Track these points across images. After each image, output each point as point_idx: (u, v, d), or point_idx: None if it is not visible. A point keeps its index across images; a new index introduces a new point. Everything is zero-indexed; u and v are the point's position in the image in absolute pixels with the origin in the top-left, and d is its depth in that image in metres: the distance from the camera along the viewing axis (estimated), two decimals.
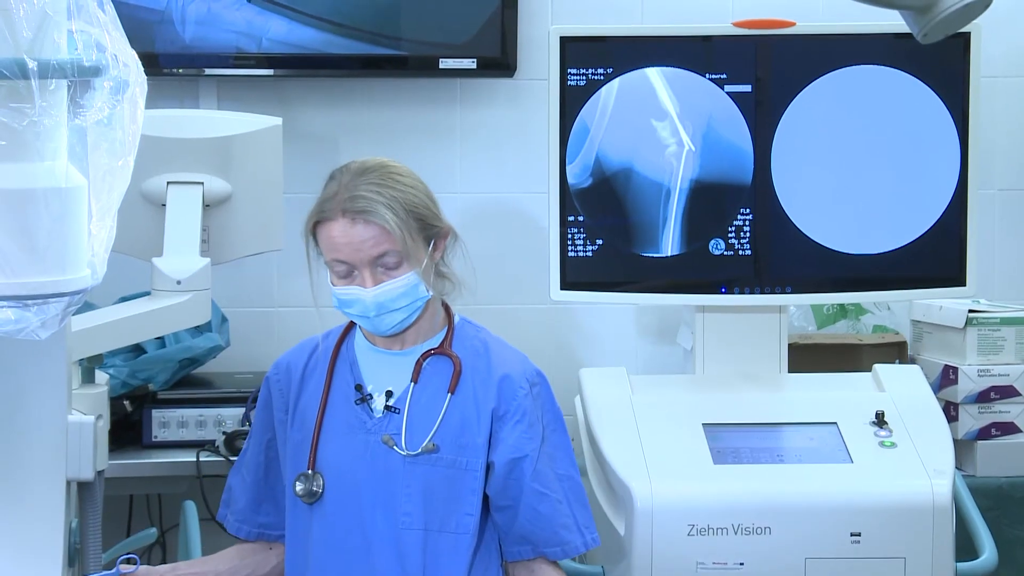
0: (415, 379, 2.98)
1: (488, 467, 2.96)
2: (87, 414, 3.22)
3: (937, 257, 3.87)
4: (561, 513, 2.97)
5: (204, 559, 3.20)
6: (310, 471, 2.98)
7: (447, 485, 2.94)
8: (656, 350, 4.80)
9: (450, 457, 2.94)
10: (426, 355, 2.99)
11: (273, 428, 3.09)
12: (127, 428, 4.23)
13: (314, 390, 3.04)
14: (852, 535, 3.45)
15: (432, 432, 2.94)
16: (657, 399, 3.78)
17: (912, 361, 4.45)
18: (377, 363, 3.03)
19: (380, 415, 2.97)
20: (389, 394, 2.98)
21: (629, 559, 3.45)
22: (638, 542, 3.44)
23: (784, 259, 3.85)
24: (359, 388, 3.00)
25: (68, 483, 3.18)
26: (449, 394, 2.96)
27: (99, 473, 3.29)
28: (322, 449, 2.99)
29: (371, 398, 2.99)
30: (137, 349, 4.26)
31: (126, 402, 4.23)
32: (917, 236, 3.86)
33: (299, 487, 2.99)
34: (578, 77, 3.82)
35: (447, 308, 3.07)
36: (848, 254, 3.85)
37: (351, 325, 3.08)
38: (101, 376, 3.51)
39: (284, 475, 3.07)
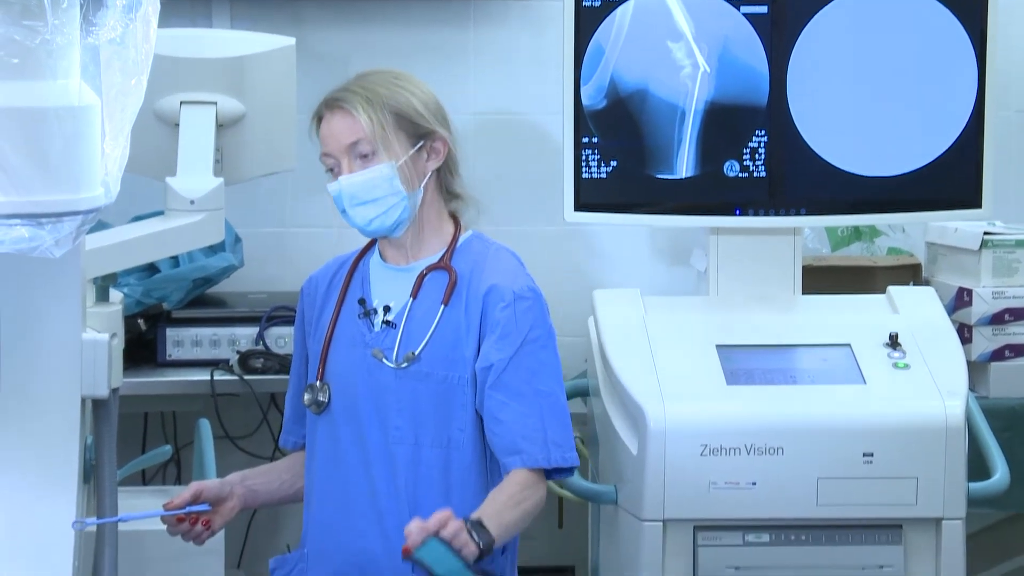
0: (414, 294, 3.00)
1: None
2: (101, 332, 3.23)
3: (953, 179, 3.85)
4: (527, 426, 2.94)
5: (268, 467, 3.25)
6: (318, 382, 3.02)
7: (437, 400, 2.96)
8: (670, 272, 4.80)
9: (441, 372, 2.95)
10: (428, 270, 3.01)
11: (306, 341, 3.14)
12: (141, 347, 4.25)
13: (332, 304, 3.07)
14: (864, 455, 3.46)
15: (422, 344, 2.96)
16: (670, 320, 3.78)
17: (926, 283, 4.45)
18: (384, 278, 3.05)
19: (379, 329, 3.00)
20: (387, 308, 3.00)
21: (642, 479, 3.46)
22: (651, 462, 3.45)
23: (799, 181, 3.84)
24: (362, 302, 3.03)
25: (83, 400, 3.19)
26: (442, 306, 2.97)
27: (114, 391, 3.30)
28: (330, 361, 3.04)
29: (375, 313, 3.02)
30: (151, 268, 4.27)
31: (140, 321, 4.25)
32: (933, 158, 3.84)
33: (306, 397, 3.05)
34: None
35: (457, 225, 3.07)
36: (863, 176, 3.84)
37: (372, 242, 3.10)
38: (115, 294, 3.52)
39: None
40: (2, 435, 3.13)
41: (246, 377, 4.18)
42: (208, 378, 4.18)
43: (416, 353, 2.95)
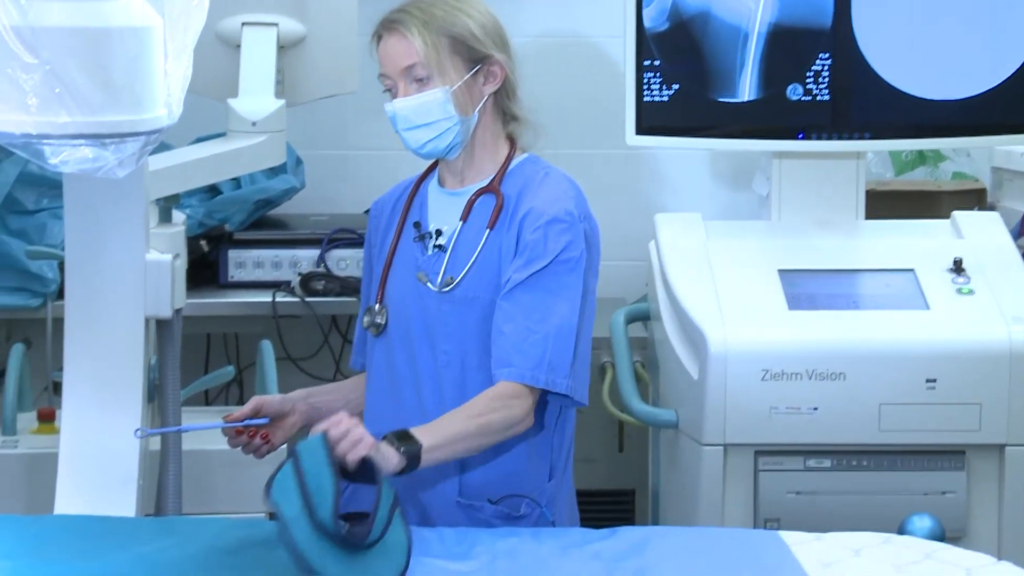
0: (464, 217, 2.99)
1: None
2: (164, 253, 3.25)
3: (1020, 103, 3.81)
4: (528, 342, 2.87)
5: (335, 385, 3.24)
6: (376, 305, 3.03)
7: (482, 323, 2.95)
8: (731, 196, 4.78)
9: (484, 296, 2.94)
10: (478, 193, 3.00)
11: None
12: (204, 268, 4.27)
13: (394, 228, 3.07)
14: (928, 381, 3.44)
15: (465, 269, 2.95)
16: (732, 245, 3.77)
17: (991, 208, 4.41)
18: (440, 202, 3.05)
19: (431, 253, 3.00)
20: (439, 233, 3.00)
21: (702, 404, 3.46)
22: (711, 387, 3.45)
23: (863, 104, 3.80)
24: (417, 226, 3.03)
25: (147, 321, 3.22)
26: (487, 230, 2.96)
27: (177, 311, 3.32)
28: (388, 285, 3.05)
29: (429, 236, 3.02)
30: (213, 190, 4.28)
31: (203, 242, 4.27)
32: (999, 81, 3.80)
33: (365, 319, 3.06)
34: None
35: (513, 148, 3.05)
36: (928, 99, 3.80)
37: (434, 164, 3.09)
38: (178, 216, 3.53)
39: None
40: (68, 355, 3.15)
41: (307, 299, 4.20)
42: (270, 300, 4.20)
43: (456, 278, 2.95)
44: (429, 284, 2.97)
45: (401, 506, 2.53)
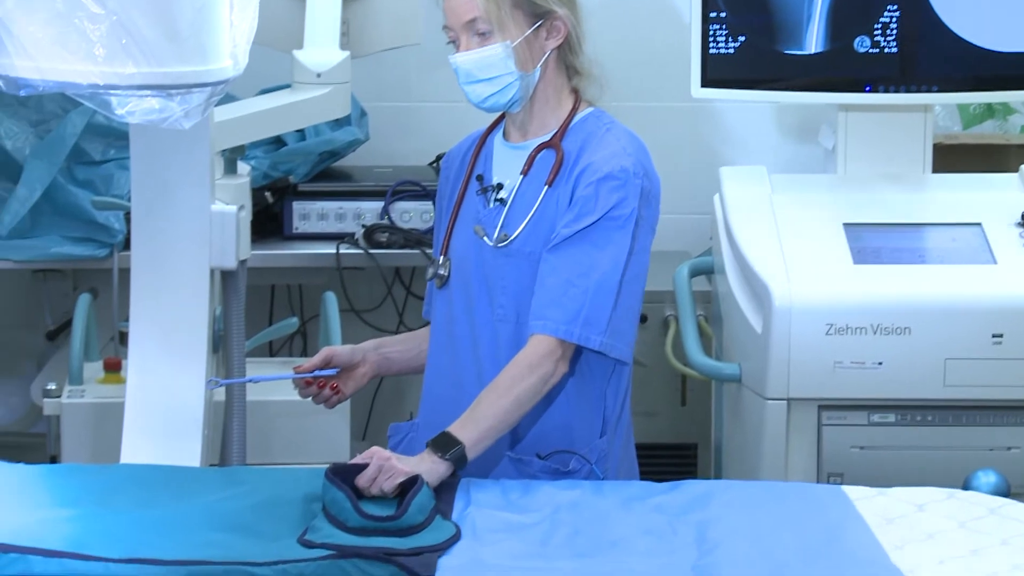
0: (525, 171, 2.98)
1: None
2: (229, 204, 3.26)
3: None
4: (568, 296, 2.87)
5: (407, 335, 3.23)
6: (440, 257, 3.03)
7: (535, 278, 2.94)
8: (797, 149, 4.75)
9: (540, 251, 2.93)
10: (539, 148, 2.99)
11: None
12: (269, 219, 4.28)
13: (461, 180, 3.07)
14: (994, 336, 3.42)
15: (522, 225, 2.95)
16: (797, 198, 3.75)
17: None
18: (503, 156, 3.04)
19: (492, 206, 3.00)
20: (500, 187, 3.00)
21: (766, 358, 3.45)
22: (775, 341, 3.44)
23: (931, 56, 3.76)
24: (480, 179, 3.02)
25: (212, 271, 3.23)
26: (546, 186, 2.95)
27: (242, 262, 3.33)
28: (452, 237, 3.05)
29: (491, 189, 3.02)
30: (278, 141, 4.29)
31: (267, 193, 4.28)
32: None
33: (429, 271, 3.06)
34: None
35: (577, 102, 3.04)
36: (997, 52, 3.76)
37: (501, 117, 3.08)
38: (243, 167, 3.54)
39: None
40: (135, 306, 3.17)
41: (371, 251, 4.20)
42: (334, 252, 4.21)
43: (511, 233, 2.94)
44: (485, 238, 2.97)
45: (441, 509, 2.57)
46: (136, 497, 2.63)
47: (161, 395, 3.10)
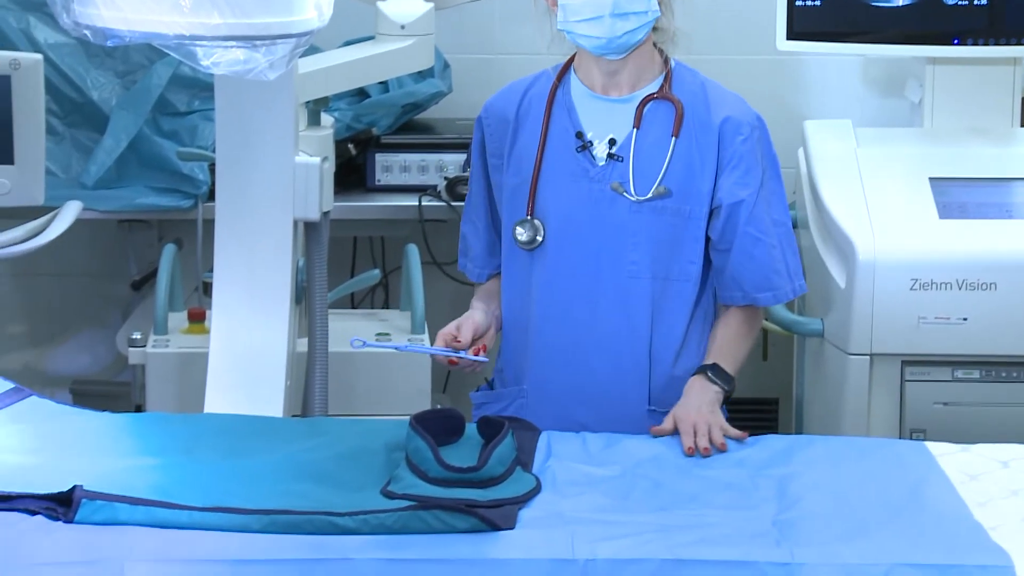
0: (637, 125, 2.96)
1: (709, 213, 2.96)
2: (313, 156, 3.27)
3: None
4: (774, 259, 2.98)
5: (494, 292, 3.15)
6: (529, 217, 3.00)
7: (672, 232, 2.94)
8: (883, 103, 4.70)
9: (675, 205, 2.93)
10: (647, 100, 2.97)
11: (488, 171, 3.10)
12: (351, 171, 4.29)
13: (530, 135, 3.03)
14: None
15: (660, 176, 2.93)
16: (882, 152, 3.72)
17: None
18: (596, 109, 3.00)
19: (603, 163, 2.97)
20: (612, 142, 2.96)
21: (849, 312, 3.43)
22: (859, 296, 3.42)
23: (1020, 9, 3.71)
24: (580, 135, 2.98)
25: (295, 223, 3.25)
26: (673, 138, 2.94)
27: (324, 214, 3.34)
28: (541, 196, 3.00)
29: (592, 145, 2.98)
30: (361, 93, 4.29)
31: (350, 145, 4.28)
32: None
33: (521, 235, 3.00)
34: None
35: (663, 55, 3.02)
36: None
37: (565, 69, 3.04)
38: (326, 119, 3.55)
39: (502, 220, 3.09)
40: (218, 256, 3.20)
41: (453, 203, 4.20)
42: (416, 204, 4.21)
43: (651, 187, 2.92)
44: (626, 194, 2.94)
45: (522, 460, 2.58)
46: (220, 446, 2.66)
47: (244, 346, 3.12)
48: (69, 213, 3.89)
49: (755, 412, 4.40)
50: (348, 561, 2.30)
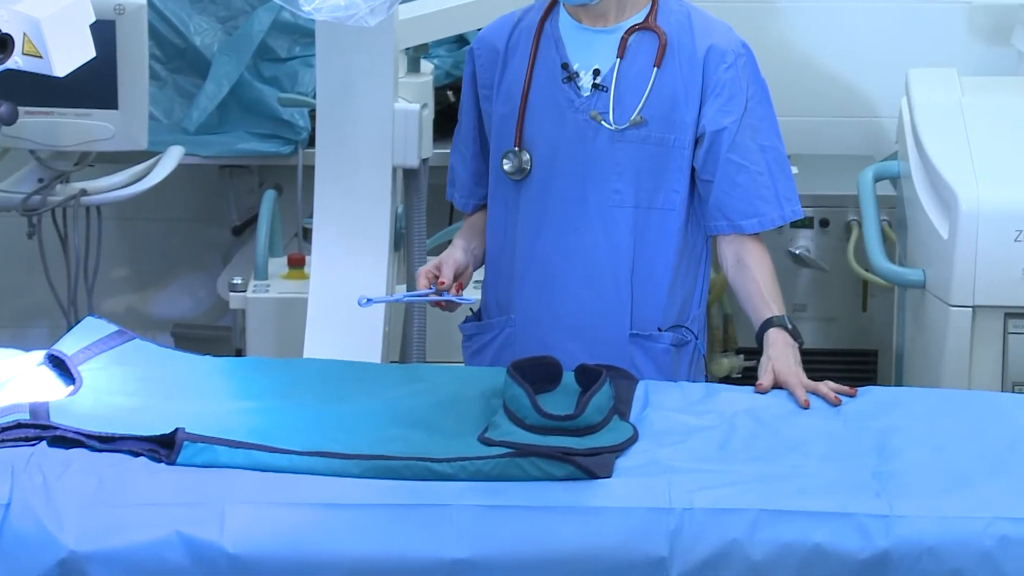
0: (621, 54, 2.96)
1: (695, 143, 2.97)
2: (412, 102, 3.27)
3: None
4: (760, 184, 2.97)
5: (476, 229, 3.14)
6: (516, 148, 3.00)
7: (655, 162, 2.95)
8: (988, 51, 4.64)
9: (658, 134, 2.94)
10: (631, 30, 2.96)
11: (479, 103, 3.09)
12: (450, 119, 4.28)
13: (518, 67, 3.03)
14: None
15: (639, 106, 2.93)
16: (988, 102, 3.67)
17: None
18: (582, 41, 3.00)
19: (588, 93, 2.97)
20: (596, 72, 2.96)
21: (951, 264, 3.39)
22: (961, 247, 3.37)
23: None
24: (565, 67, 2.99)
25: (394, 170, 3.26)
26: (655, 68, 2.93)
27: (424, 161, 3.35)
28: (528, 127, 3.00)
29: (578, 76, 2.98)
30: (461, 40, 4.29)
31: (450, 92, 4.28)
32: None
33: (507, 165, 3.02)
34: None
35: None
36: None
37: (554, 2, 3.04)
38: (426, 66, 3.55)
39: (490, 150, 3.08)
40: (318, 202, 3.21)
41: None
42: None
43: (630, 116, 2.92)
44: (604, 123, 2.94)
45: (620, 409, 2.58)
46: (318, 391, 2.67)
47: (344, 291, 3.13)
48: (171, 158, 3.92)
49: (854, 364, 4.37)
50: (445, 507, 2.31)
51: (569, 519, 2.31)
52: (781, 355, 2.80)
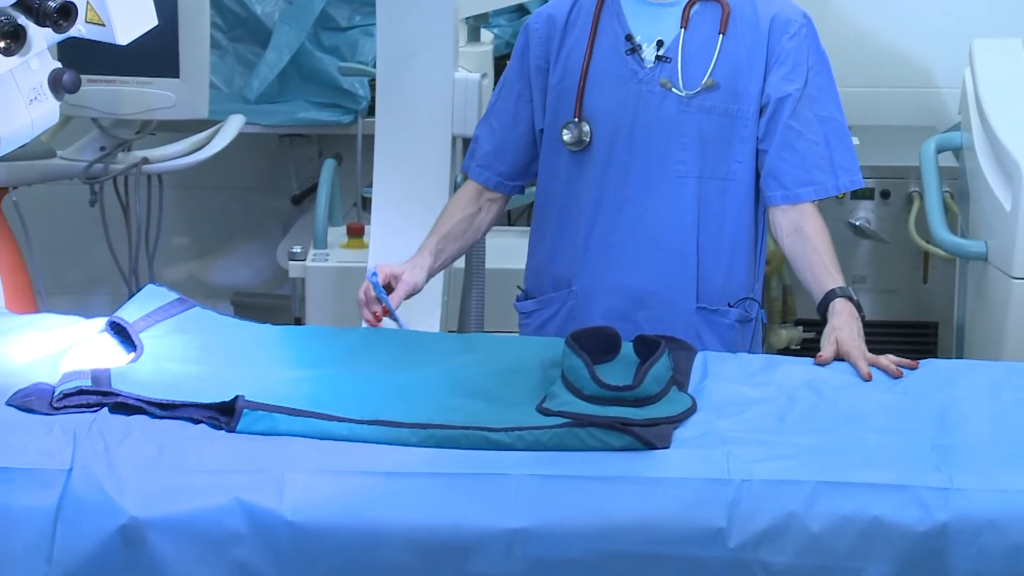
0: (684, 25, 2.95)
1: (759, 113, 2.96)
2: (472, 72, 3.27)
3: None
4: (816, 154, 2.95)
5: (456, 232, 3.06)
6: (576, 119, 2.99)
7: (719, 132, 2.95)
8: None
9: (723, 104, 2.93)
10: (693, 1, 2.95)
11: (528, 77, 3.08)
12: None
13: (578, 39, 3.02)
14: None
15: (709, 71, 2.92)
16: None
17: None
18: (644, 14, 3.00)
19: (652, 64, 2.96)
20: (660, 44, 2.96)
21: (1014, 236, 3.37)
22: None
23: None
24: (629, 38, 2.98)
25: (454, 139, 3.26)
26: (721, 35, 2.93)
27: None
28: (588, 98, 2.99)
29: (641, 48, 2.97)
30: (521, 9, 4.28)
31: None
32: None
33: (567, 135, 3.00)
34: None
35: None
36: None
37: None
38: (486, 35, 3.55)
39: (543, 124, 3.06)
40: (378, 172, 3.22)
41: None
42: None
43: (709, 80, 2.92)
44: (675, 89, 2.93)
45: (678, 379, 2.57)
46: (377, 360, 2.68)
47: (403, 261, 3.14)
48: (232, 127, 3.94)
49: (915, 336, 4.35)
50: (503, 476, 2.31)
51: (627, 489, 2.31)
52: (845, 326, 2.79)
